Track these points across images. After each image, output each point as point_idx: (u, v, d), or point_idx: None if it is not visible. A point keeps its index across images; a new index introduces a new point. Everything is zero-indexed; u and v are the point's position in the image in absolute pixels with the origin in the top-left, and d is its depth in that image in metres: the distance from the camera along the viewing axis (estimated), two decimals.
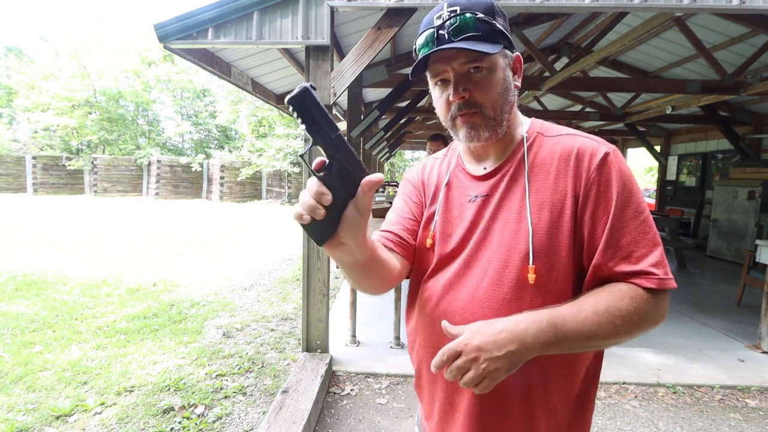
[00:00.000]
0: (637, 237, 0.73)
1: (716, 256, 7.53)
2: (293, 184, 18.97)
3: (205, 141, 24.74)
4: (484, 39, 0.77)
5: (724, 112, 7.37)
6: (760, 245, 3.86)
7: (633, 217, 0.74)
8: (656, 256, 0.73)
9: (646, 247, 0.73)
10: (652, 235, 0.74)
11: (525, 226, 0.78)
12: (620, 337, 0.71)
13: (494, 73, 0.79)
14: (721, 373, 3.17)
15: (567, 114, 9.06)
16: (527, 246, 0.76)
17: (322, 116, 0.57)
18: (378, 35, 2.87)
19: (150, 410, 2.55)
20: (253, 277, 5.81)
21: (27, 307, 4.24)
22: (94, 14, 49.90)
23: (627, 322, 0.70)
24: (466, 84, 0.79)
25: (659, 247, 0.74)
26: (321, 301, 3.10)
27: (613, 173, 0.75)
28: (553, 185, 0.78)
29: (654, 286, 0.72)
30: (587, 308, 0.70)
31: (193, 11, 2.84)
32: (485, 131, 0.81)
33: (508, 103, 0.82)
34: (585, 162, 0.77)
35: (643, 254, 0.73)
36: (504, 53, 0.81)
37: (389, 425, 2.50)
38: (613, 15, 5.25)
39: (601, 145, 0.79)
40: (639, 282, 0.72)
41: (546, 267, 0.76)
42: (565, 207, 0.77)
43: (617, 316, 0.69)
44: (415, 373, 0.96)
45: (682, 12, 2.88)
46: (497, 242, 0.80)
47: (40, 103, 19.74)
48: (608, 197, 0.75)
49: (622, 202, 0.74)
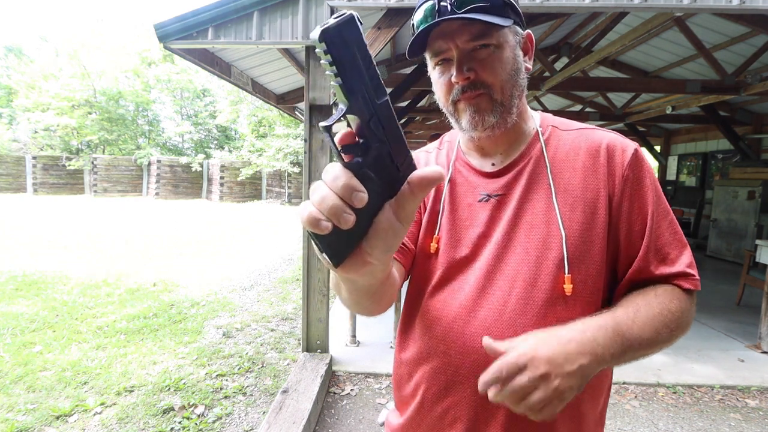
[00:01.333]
0: (670, 238, 0.70)
1: (716, 256, 7.53)
2: (293, 184, 18.97)
3: (205, 141, 24.74)
4: (493, 11, 0.67)
5: (724, 112, 7.37)
6: (760, 245, 3.86)
7: (664, 216, 0.71)
8: (689, 256, 0.71)
9: (678, 247, 0.70)
10: (681, 234, 0.71)
11: (556, 230, 0.69)
12: (672, 341, 0.67)
13: (503, 50, 0.70)
14: (721, 373, 3.17)
15: (567, 114, 9.07)
16: (561, 252, 0.67)
17: (368, 68, 0.37)
18: (378, 35, 2.87)
19: (150, 410, 2.55)
20: (253, 277, 5.81)
21: (27, 307, 4.23)
22: (94, 14, 49.88)
23: (679, 324, 0.66)
24: (471, 63, 0.69)
25: (688, 246, 0.72)
26: (321, 301, 3.10)
27: (645, 170, 0.71)
28: (583, 183, 0.70)
29: (692, 287, 0.69)
30: (642, 312, 0.63)
31: (193, 11, 2.84)
32: (492, 116, 0.71)
33: (519, 87, 0.73)
34: (617, 158, 0.70)
35: (677, 255, 0.70)
36: (514, 29, 0.72)
37: None
38: (613, 15, 5.25)
39: (628, 141, 0.74)
40: (679, 283, 0.69)
41: (582, 275, 0.67)
42: (599, 207, 0.69)
43: (671, 319, 0.65)
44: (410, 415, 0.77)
45: (682, 12, 2.88)
46: (523, 249, 0.70)
47: (40, 103, 19.74)
48: (643, 196, 0.69)
49: (655, 201, 0.70)
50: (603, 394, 0.76)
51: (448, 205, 0.78)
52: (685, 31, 4.85)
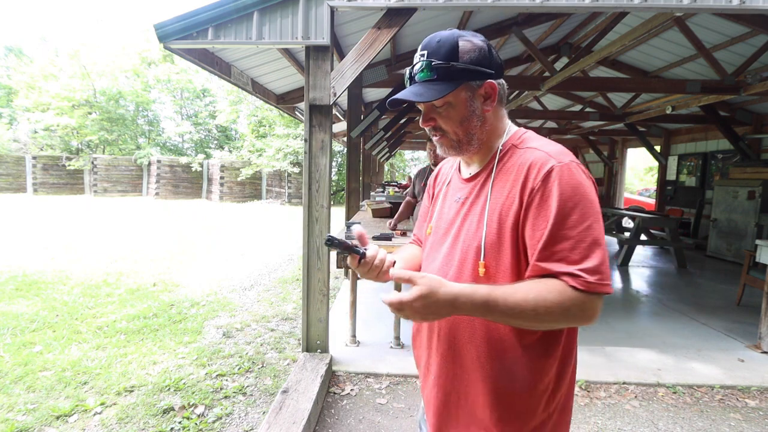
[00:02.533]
0: (575, 244, 0.82)
1: (716, 256, 7.53)
2: (293, 184, 18.96)
3: (205, 141, 24.72)
4: (441, 79, 0.91)
5: (724, 112, 7.37)
6: (760, 245, 3.86)
7: (573, 226, 0.83)
8: (590, 262, 0.81)
9: (581, 253, 0.81)
10: (590, 243, 0.82)
11: (481, 227, 0.93)
12: (540, 323, 0.83)
13: (454, 106, 0.94)
14: (721, 373, 3.17)
15: (567, 114, 9.06)
16: (480, 244, 0.92)
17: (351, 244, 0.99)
18: (378, 35, 2.87)
19: (150, 410, 2.55)
20: (253, 277, 5.81)
21: (27, 307, 4.24)
22: (94, 14, 49.86)
23: (549, 312, 0.80)
24: (432, 114, 0.97)
25: (596, 253, 0.81)
26: (321, 301, 3.10)
27: (555, 185, 0.84)
28: (508, 192, 0.91)
29: (580, 286, 0.80)
30: (518, 294, 0.82)
31: (193, 11, 2.84)
32: (452, 150, 0.99)
33: (473, 127, 0.96)
34: (533, 173, 0.87)
35: (577, 260, 0.81)
36: (467, 86, 0.93)
37: (389, 425, 2.50)
38: (613, 15, 5.25)
39: (552, 159, 0.87)
40: (567, 280, 0.81)
41: (494, 262, 0.91)
42: (512, 212, 0.89)
43: (541, 305, 0.80)
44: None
45: (682, 12, 2.88)
46: (463, 239, 0.97)
47: (40, 103, 19.74)
48: (547, 206, 0.84)
49: (561, 212, 0.83)
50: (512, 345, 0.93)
51: (442, 201, 1.10)
52: (685, 31, 4.85)
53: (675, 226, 6.85)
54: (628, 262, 6.92)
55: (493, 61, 0.94)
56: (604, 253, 0.83)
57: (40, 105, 19.75)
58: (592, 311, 0.82)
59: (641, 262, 7.29)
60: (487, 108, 0.96)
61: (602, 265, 0.81)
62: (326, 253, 3.10)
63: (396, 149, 16.15)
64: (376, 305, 4.47)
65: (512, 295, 0.82)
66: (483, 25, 5.43)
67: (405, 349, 3.46)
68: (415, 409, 2.66)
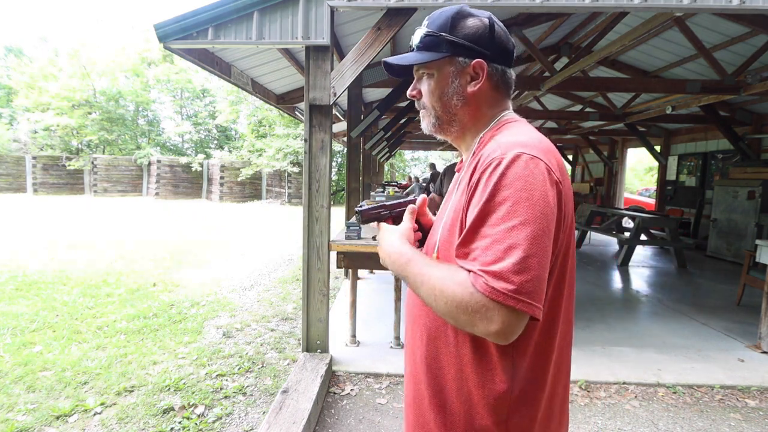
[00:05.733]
0: (490, 243, 0.72)
1: (716, 256, 7.53)
2: (293, 184, 18.96)
3: (205, 141, 24.73)
4: (427, 48, 0.90)
5: (724, 112, 7.37)
6: (760, 245, 3.86)
7: (494, 224, 0.72)
8: (501, 265, 0.69)
9: (494, 255, 0.70)
10: (508, 246, 0.70)
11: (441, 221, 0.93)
12: (437, 304, 0.78)
13: (435, 79, 0.92)
14: (721, 373, 3.17)
15: (567, 114, 9.07)
16: (436, 238, 0.92)
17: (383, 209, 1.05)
18: (378, 35, 2.87)
19: (150, 410, 2.55)
20: (253, 277, 5.81)
21: (27, 307, 4.24)
22: (94, 14, 49.89)
23: (444, 296, 0.76)
24: (418, 84, 0.96)
25: (511, 258, 0.69)
26: (321, 301, 3.10)
27: (492, 178, 0.75)
28: (464, 187, 0.86)
29: (480, 289, 0.70)
30: (431, 269, 0.81)
31: (193, 11, 2.84)
32: (431, 127, 0.97)
33: (452, 106, 0.92)
34: (481, 165, 0.81)
35: (486, 261, 0.71)
36: (452, 60, 0.90)
37: (389, 425, 2.50)
38: (613, 15, 5.25)
39: (499, 149, 0.78)
40: (470, 278, 0.72)
41: (445, 255, 0.88)
42: (461, 206, 0.84)
43: (438, 287, 0.77)
44: None
45: (682, 12, 2.88)
46: (433, 230, 0.98)
47: (40, 103, 19.74)
48: (478, 200, 0.77)
49: (486, 207, 0.74)
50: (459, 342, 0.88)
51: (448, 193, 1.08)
52: (685, 31, 4.85)
53: (675, 226, 6.85)
54: (628, 262, 6.92)
55: (493, 43, 0.88)
56: (525, 261, 0.69)
57: (40, 105, 19.75)
58: (498, 324, 0.69)
59: (641, 262, 7.29)
60: (471, 89, 0.90)
61: (517, 274, 0.68)
62: (326, 253, 3.10)
63: (396, 149, 16.14)
64: (376, 305, 4.47)
65: (425, 267, 0.82)
66: None
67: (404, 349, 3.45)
68: None
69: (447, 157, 28.22)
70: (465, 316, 0.72)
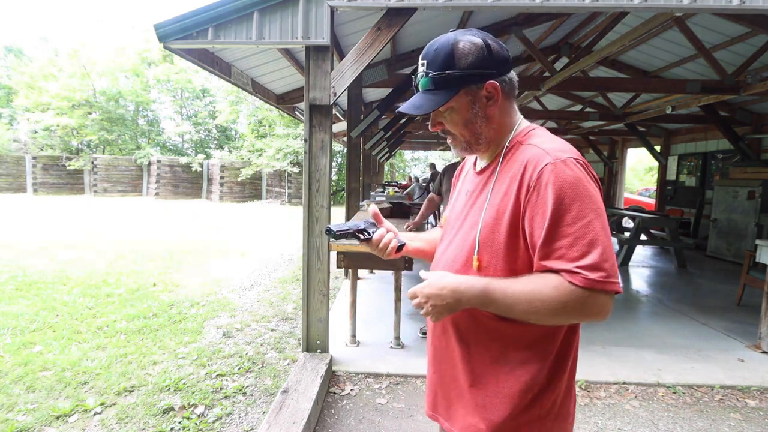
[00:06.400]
0: (573, 241, 0.81)
1: (716, 256, 7.53)
2: (293, 184, 18.96)
3: (205, 141, 24.72)
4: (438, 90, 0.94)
5: (724, 112, 7.37)
6: (760, 245, 3.86)
7: (571, 222, 0.82)
8: (590, 258, 0.80)
9: (580, 250, 0.81)
10: (590, 240, 0.81)
11: (478, 221, 0.95)
12: (537, 316, 0.84)
13: (455, 111, 0.96)
14: (721, 373, 3.17)
15: (567, 114, 9.07)
16: (475, 238, 0.95)
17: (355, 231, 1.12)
18: (378, 35, 2.87)
19: (150, 410, 2.55)
20: (253, 277, 5.81)
21: (27, 307, 4.23)
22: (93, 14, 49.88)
23: (545, 305, 0.82)
24: (439, 119, 1.00)
25: (597, 250, 0.80)
26: (321, 301, 3.10)
27: (551, 182, 0.84)
28: (506, 188, 0.92)
29: (579, 283, 0.80)
30: (516, 286, 0.85)
31: (193, 11, 2.84)
32: (463, 151, 1.02)
33: (478, 128, 0.97)
34: (529, 171, 0.88)
35: (575, 257, 0.81)
36: (468, 90, 0.94)
37: (389, 425, 2.50)
38: (613, 15, 5.25)
39: (548, 155, 0.87)
40: (565, 277, 0.81)
41: (487, 257, 0.93)
42: (508, 208, 0.90)
43: (536, 299, 0.82)
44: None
45: (682, 12, 2.88)
46: (463, 232, 1.00)
47: (40, 103, 19.73)
48: (544, 203, 0.84)
49: (558, 209, 0.83)
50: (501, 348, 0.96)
51: (457, 193, 1.14)
52: (685, 31, 4.84)
53: (675, 226, 6.85)
54: (628, 262, 6.92)
55: (493, 60, 0.93)
56: (606, 249, 0.81)
57: (40, 105, 19.74)
58: (599, 308, 0.81)
59: (641, 262, 7.29)
60: (491, 108, 0.96)
61: (604, 261, 0.80)
62: (326, 253, 3.10)
63: (396, 149, 16.15)
64: (376, 305, 4.47)
65: (510, 287, 0.85)
66: (483, 25, 5.43)
67: (405, 349, 3.46)
68: (415, 409, 2.66)
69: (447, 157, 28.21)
70: (571, 312, 0.82)
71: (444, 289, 0.89)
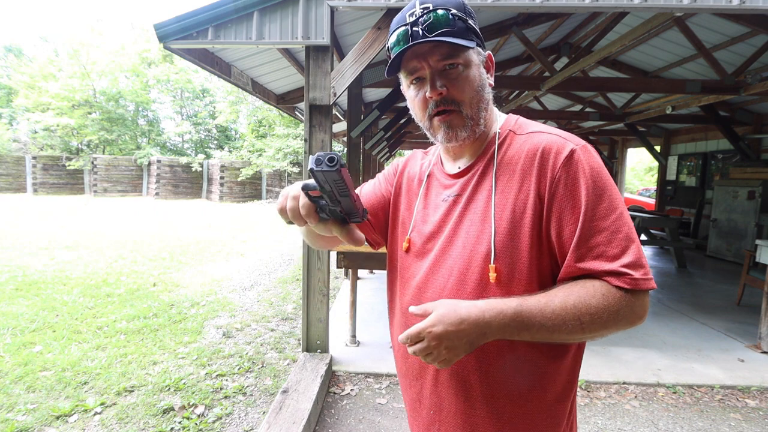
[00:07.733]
0: (610, 236, 0.71)
1: (716, 256, 7.53)
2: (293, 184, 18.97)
3: (205, 141, 24.73)
4: (459, 35, 0.76)
5: (724, 112, 7.37)
6: (760, 245, 3.86)
7: (605, 215, 0.71)
8: (631, 255, 0.70)
9: (619, 246, 0.70)
10: (626, 233, 0.71)
11: (489, 227, 0.77)
12: (586, 333, 0.70)
13: (470, 69, 0.79)
14: (721, 373, 3.17)
15: (567, 114, 9.06)
16: (489, 246, 0.76)
17: (335, 185, 0.59)
18: (378, 35, 2.87)
19: (150, 410, 2.55)
20: (253, 277, 5.81)
21: (27, 307, 4.23)
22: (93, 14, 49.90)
23: (595, 319, 0.69)
24: (443, 80, 0.78)
25: (634, 244, 0.71)
26: (321, 301, 3.10)
27: (581, 170, 0.73)
28: (518, 185, 0.77)
29: (627, 286, 0.69)
30: (556, 302, 0.70)
31: (193, 11, 2.84)
32: (463, 131, 0.81)
33: (484, 100, 0.82)
34: (550, 160, 0.75)
35: (617, 254, 0.70)
36: (477, 50, 0.81)
37: (389, 425, 2.50)
38: (613, 15, 5.25)
39: (568, 142, 0.76)
40: (611, 281, 0.69)
41: (507, 266, 0.76)
42: (528, 207, 0.75)
43: (585, 313, 0.69)
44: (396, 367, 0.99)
45: (682, 12, 2.88)
46: (462, 243, 0.80)
47: (40, 103, 19.74)
48: (576, 196, 0.72)
49: (592, 200, 0.72)
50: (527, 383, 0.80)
51: (422, 204, 0.91)
52: (685, 31, 4.84)
53: (675, 226, 6.85)
54: None
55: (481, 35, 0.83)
56: (638, 244, 0.72)
57: (40, 105, 19.75)
58: (642, 310, 0.70)
59: None
60: (490, 82, 0.84)
61: (643, 257, 0.71)
62: (326, 253, 3.10)
63: (396, 149, 16.13)
64: (376, 305, 4.47)
65: (548, 305, 0.69)
66: (483, 25, 5.43)
67: None
68: None
69: None
70: (618, 322, 0.70)
71: (463, 323, 0.68)
